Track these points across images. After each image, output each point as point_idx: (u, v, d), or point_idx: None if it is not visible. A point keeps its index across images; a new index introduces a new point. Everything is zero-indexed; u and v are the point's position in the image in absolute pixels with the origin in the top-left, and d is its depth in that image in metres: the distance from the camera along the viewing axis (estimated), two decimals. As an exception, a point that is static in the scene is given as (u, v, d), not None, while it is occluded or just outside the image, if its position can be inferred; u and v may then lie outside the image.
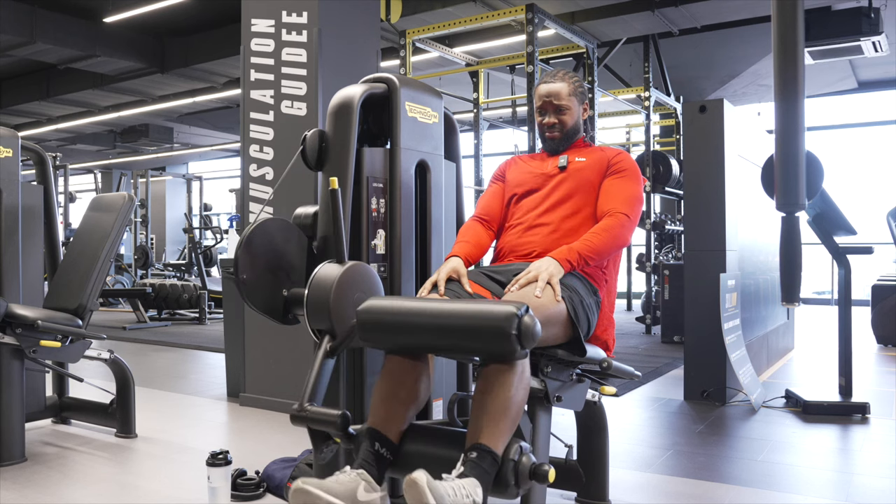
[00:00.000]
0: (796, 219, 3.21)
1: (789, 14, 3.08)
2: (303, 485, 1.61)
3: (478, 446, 1.65)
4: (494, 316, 1.64)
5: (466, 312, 1.70)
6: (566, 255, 2.08)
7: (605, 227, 2.18)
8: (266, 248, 2.18)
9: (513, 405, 1.70)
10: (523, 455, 1.68)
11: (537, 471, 1.67)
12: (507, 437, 1.69)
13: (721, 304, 4.03)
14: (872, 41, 7.21)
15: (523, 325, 1.62)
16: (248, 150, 4.08)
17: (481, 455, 1.64)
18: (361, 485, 1.66)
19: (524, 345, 1.64)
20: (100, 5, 8.64)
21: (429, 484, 1.50)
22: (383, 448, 1.78)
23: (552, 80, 2.38)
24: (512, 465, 1.66)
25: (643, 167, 8.15)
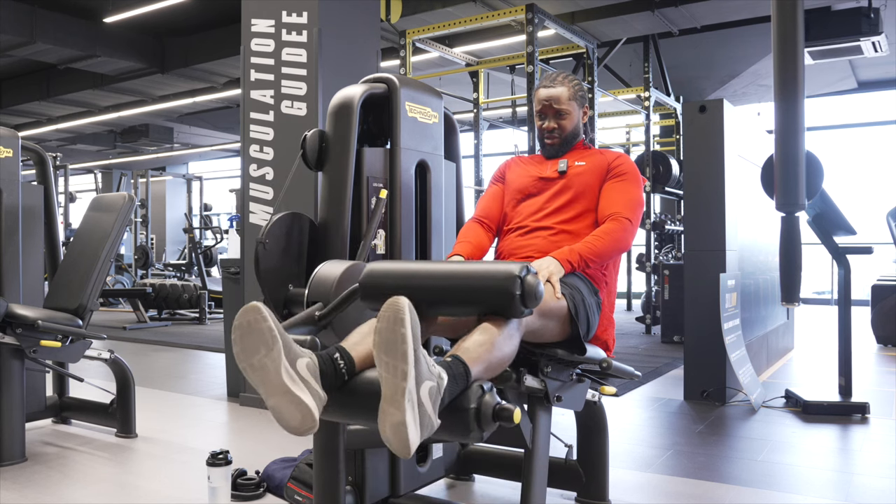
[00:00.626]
0: (796, 219, 3.21)
1: (789, 14, 3.08)
2: (258, 304, 1.50)
3: (453, 356, 1.58)
4: (498, 274, 1.64)
5: (470, 271, 1.71)
6: (567, 256, 2.08)
7: (606, 230, 2.18)
8: (293, 235, 2.25)
9: (496, 347, 1.64)
10: (489, 392, 1.57)
11: (503, 410, 1.55)
12: (480, 370, 1.60)
13: (721, 304, 4.03)
14: (872, 41, 7.21)
15: (527, 283, 1.63)
16: (248, 150, 4.08)
17: (455, 363, 1.56)
18: (307, 360, 1.54)
19: (527, 303, 1.63)
20: (100, 5, 8.64)
21: (410, 308, 1.44)
22: (342, 361, 1.63)
23: (552, 85, 2.37)
24: (479, 393, 1.55)
25: (643, 167, 8.15)
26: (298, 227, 2.27)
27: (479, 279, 1.68)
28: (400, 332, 1.41)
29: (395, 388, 1.40)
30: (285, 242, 2.23)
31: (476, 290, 1.68)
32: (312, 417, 1.47)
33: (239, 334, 1.49)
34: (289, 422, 1.47)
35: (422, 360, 1.43)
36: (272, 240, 2.18)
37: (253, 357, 1.48)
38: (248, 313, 1.49)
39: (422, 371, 1.43)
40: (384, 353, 1.42)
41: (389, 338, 1.42)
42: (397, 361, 1.40)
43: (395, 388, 1.39)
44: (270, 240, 2.18)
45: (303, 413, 1.46)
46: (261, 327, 1.48)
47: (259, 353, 1.48)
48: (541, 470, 1.85)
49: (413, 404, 1.40)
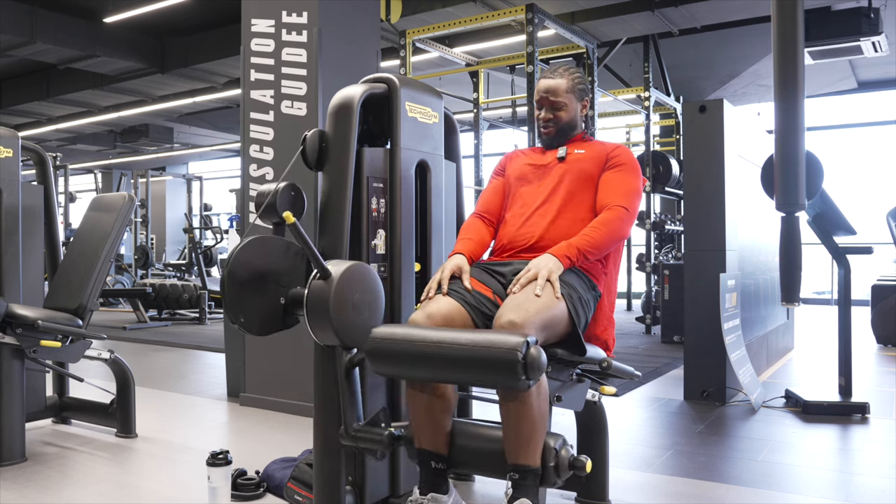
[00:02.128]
0: (796, 219, 3.21)
1: (789, 14, 3.08)
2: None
3: (518, 467, 1.81)
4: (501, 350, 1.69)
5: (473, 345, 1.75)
6: (565, 252, 2.08)
7: (603, 220, 2.18)
8: (249, 275, 2.03)
9: (538, 421, 1.80)
10: (559, 453, 1.83)
11: (576, 462, 1.84)
12: (539, 447, 1.82)
13: (721, 304, 4.03)
14: (872, 41, 7.21)
15: (529, 358, 1.66)
16: (248, 150, 4.08)
17: (524, 475, 1.80)
18: None
19: (530, 377, 1.68)
20: (100, 5, 8.64)
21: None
22: (438, 463, 1.94)
23: (552, 76, 2.39)
24: (553, 469, 1.82)
25: (643, 167, 8.14)
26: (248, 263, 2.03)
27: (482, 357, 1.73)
28: None
29: None
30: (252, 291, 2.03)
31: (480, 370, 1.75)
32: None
33: None
34: None
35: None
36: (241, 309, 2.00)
37: None
38: None
39: None
40: None
41: None
42: None
43: None
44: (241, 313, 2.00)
45: None
46: None
47: None
48: (541, 470, 1.87)
49: None
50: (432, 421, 1.96)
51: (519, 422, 1.79)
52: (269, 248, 2.09)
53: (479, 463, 2.01)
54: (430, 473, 1.95)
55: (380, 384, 2.32)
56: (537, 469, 1.81)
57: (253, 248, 2.05)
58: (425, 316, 2.01)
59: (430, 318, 2.00)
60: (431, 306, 2.05)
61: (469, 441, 1.99)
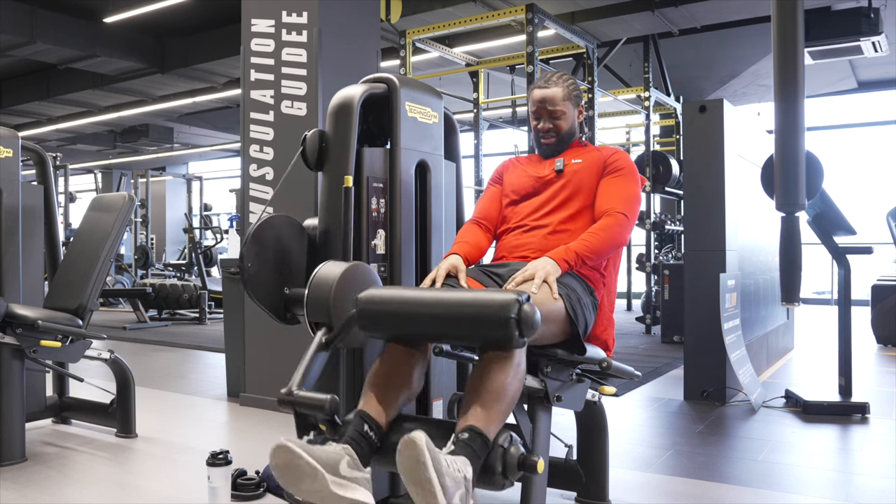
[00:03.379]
0: (796, 219, 3.21)
1: (789, 14, 3.08)
2: (286, 442, 1.59)
3: (469, 428, 1.64)
4: (495, 304, 1.65)
5: (467, 300, 1.71)
6: (563, 255, 2.08)
7: (602, 226, 2.17)
8: (273, 243, 2.20)
9: (507, 393, 1.69)
10: (513, 444, 1.67)
11: (526, 461, 1.65)
12: (498, 423, 1.68)
13: (721, 304, 4.03)
14: (872, 41, 7.21)
15: (523, 313, 1.63)
16: (248, 150, 4.08)
17: (472, 436, 1.63)
18: (345, 459, 1.64)
19: (524, 333, 1.64)
20: (100, 5, 8.64)
21: (427, 445, 1.48)
22: (372, 431, 1.75)
23: (546, 86, 2.36)
24: (501, 452, 1.65)
25: (643, 167, 8.15)
26: (276, 231, 2.22)
27: (476, 307, 1.68)
28: (424, 475, 1.47)
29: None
30: (267, 252, 2.19)
31: (472, 321, 1.69)
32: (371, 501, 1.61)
33: (279, 473, 1.59)
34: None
35: (448, 484, 1.49)
36: (252, 259, 2.14)
37: (300, 486, 1.59)
38: (280, 454, 1.58)
39: (450, 490, 1.49)
40: (412, 486, 1.49)
41: (415, 478, 1.48)
42: (427, 496, 1.47)
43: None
44: (251, 262, 2.13)
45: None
46: (298, 464, 1.57)
47: (305, 483, 1.58)
48: (541, 470, 1.85)
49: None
50: (387, 390, 1.82)
51: (489, 386, 1.68)
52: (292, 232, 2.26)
53: None
54: (359, 435, 1.73)
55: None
56: (488, 439, 1.64)
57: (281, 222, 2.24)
58: None
59: None
60: None
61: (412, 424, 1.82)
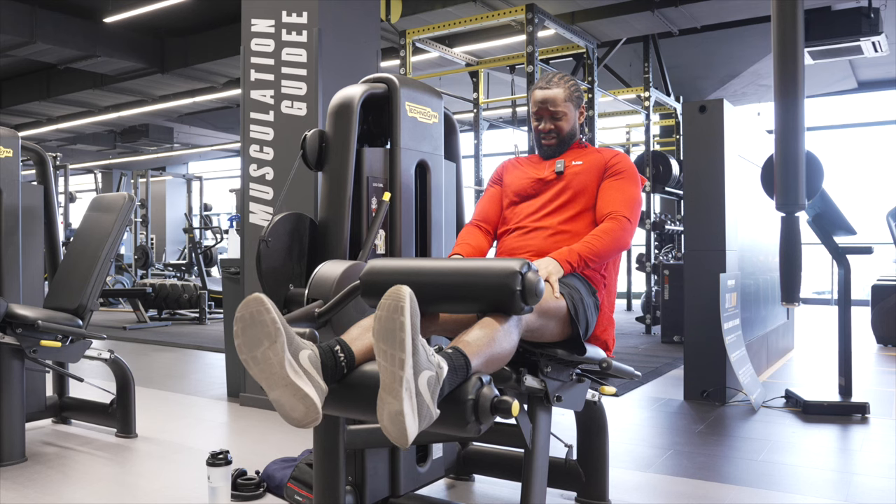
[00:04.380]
0: (796, 219, 3.21)
1: (789, 14, 3.08)
2: (261, 295, 1.49)
3: (456, 348, 1.57)
4: (499, 270, 1.65)
5: (471, 268, 1.71)
6: (566, 256, 2.08)
7: (605, 229, 2.17)
8: (295, 235, 2.24)
9: (496, 342, 1.63)
10: (488, 385, 1.57)
11: (501, 403, 1.56)
12: (480, 362, 1.59)
13: (721, 304, 4.03)
14: (872, 41, 7.21)
15: (527, 280, 1.63)
16: (248, 150, 4.08)
17: (456, 354, 1.54)
18: (309, 352, 1.53)
19: (527, 300, 1.63)
20: (100, 5, 8.64)
21: (411, 297, 1.42)
22: (343, 354, 1.62)
23: (547, 86, 2.36)
24: (477, 385, 1.54)
25: (643, 167, 8.15)
26: (301, 228, 2.26)
27: (480, 276, 1.68)
28: (399, 320, 1.39)
29: (392, 376, 1.38)
30: (288, 242, 2.22)
31: (477, 286, 1.68)
32: (316, 409, 1.46)
33: (241, 326, 1.47)
34: (292, 414, 1.46)
35: (420, 350, 1.42)
36: (275, 238, 2.18)
37: (256, 350, 1.46)
38: (250, 305, 1.47)
39: (420, 360, 1.41)
40: (383, 341, 1.40)
41: (388, 326, 1.40)
42: (395, 350, 1.39)
43: (393, 377, 1.38)
44: (273, 238, 2.17)
45: (306, 405, 1.45)
46: (264, 319, 1.46)
47: (262, 346, 1.46)
48: (541, 470, 1.85)
49: (411, 393, 1.39)
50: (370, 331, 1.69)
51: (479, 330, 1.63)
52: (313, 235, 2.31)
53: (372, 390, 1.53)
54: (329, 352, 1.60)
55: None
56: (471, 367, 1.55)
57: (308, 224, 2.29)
58: None
59: None
60: None
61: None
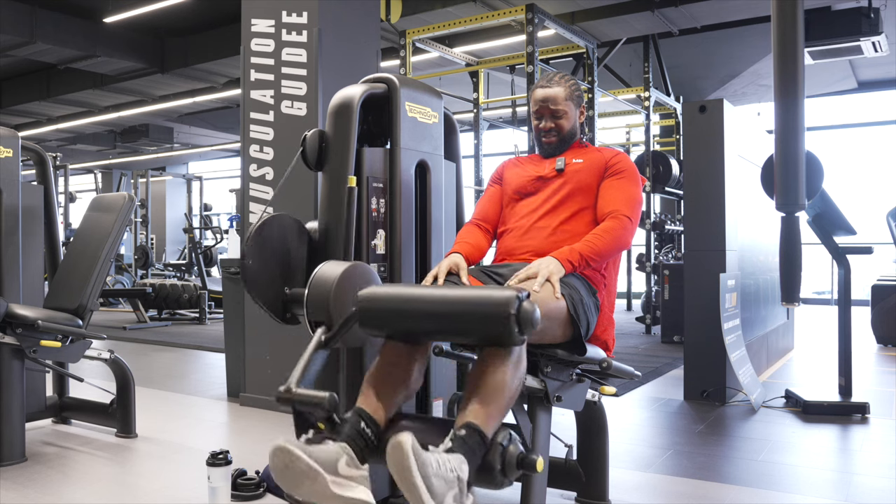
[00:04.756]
0: (796, 219, 3.21)
1: (789, 14, 3.08)
2: (284, 444, 1.56)
3: (467, 425, 1.61)
4: (494, 301, 1.64)
5: (466, 297, 1.70)
6: (567, 256, 2.07)
7: (606, 228, 2.17)
8: (275, 242, 2.19)
9: (507, 390, 1.66)
10: (511, 443, 1.64)
11: (525, 460, 1.63)
12: (497, 420, 1.65)
13: (721, 304, 4.03)
14: (872, 41, 7.21)
15: (522, 310, 1.62)
16: (248, 150, 4.08)
17: (470, 433, 1.60)
18: (343, 458, 1.61)
19: (523, 330, 1.62)
20: (100, 5, 8.64)
21: (413, 448, 1.45)
22: (369, 429, 1.72)
23: (548, 85, 2.36)
24: (500, 450, 1.62)
25: (643, 167, 8.15)
26: (281, 231, 2.21)
27: (475, 307, 1.67)
28: (410, 480, 1.45)
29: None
30: (269, 250, 2.18)
31: (471, 319, 1.67)
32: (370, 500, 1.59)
33: (278, 476, 1.58)
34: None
35: (437, 487, 1.47)
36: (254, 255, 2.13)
37: (300, 489, 1.58)
38: (279, 456, 1.56)
39: (440, 492, 1.48)
40: (402, 488, 1.47)
41: (403, 483, 1.47)
42: (415, 500, 1.46)
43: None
44: (253, 259, 2.12)
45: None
46: (297, 466, 1.55)
47: (304, 485, 1.57)
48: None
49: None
50: (386, 387, 1.80)
51: (488, 383, 1.66)
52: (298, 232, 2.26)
53: None
54: (356, 433, 1.71)
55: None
56: (486, 437, 1.61)
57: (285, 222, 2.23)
58: None
59: None
60: None
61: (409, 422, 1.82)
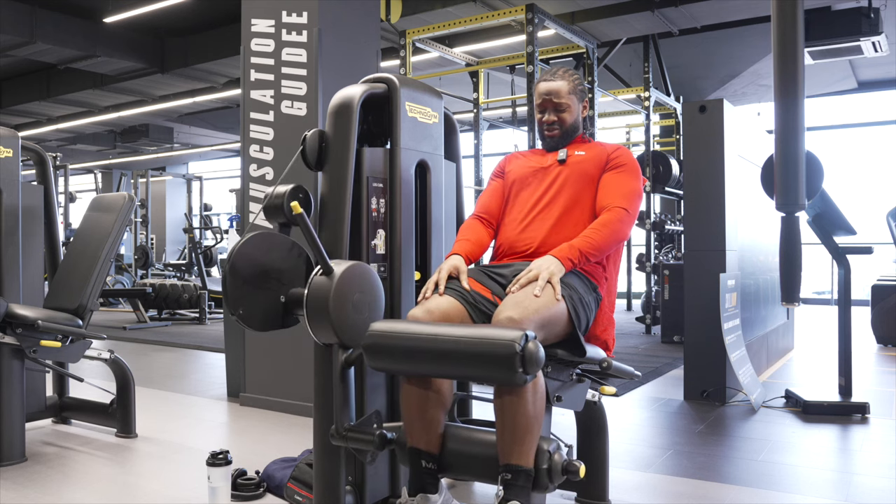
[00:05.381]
0: (796, 219, 3.21)
1: (789, 14, 3.08)
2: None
3: (510, 467, 1.77)
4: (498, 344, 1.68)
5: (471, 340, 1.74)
6: (567, 254, 2.08)
7: (604, 222, 2.18)
8: (251, 270, 2.04)
9: (533, 419, 1.79)
10: (552, 456, 1.81)
11: (570, 467, 1.81)
12: (533, 447, 1.80)
13: (721, 304, 4.03)
14: (872, 41, 7.21)
15: (527, 352, 1.65)
16: (248, 150, 4.08)
17: (515, 475, 1.77)
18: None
19: (528, 371, 1.66)
20: (100, 5, 8.64)
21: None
22: (429, 463, 1.91)
23: (552, 79, 2.38)
24: (546, 472, 1.80)
25: (643, 167, 8.14)
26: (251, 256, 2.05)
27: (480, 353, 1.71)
28: None
29: None
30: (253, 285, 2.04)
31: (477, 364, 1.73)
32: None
33: None
34: None
35: None
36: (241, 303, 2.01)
37: None
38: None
39: None
40: None
41: None
42: None
43: None
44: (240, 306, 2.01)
45: None
46: None
47: None
48: (541, 470, 1.86)
49: None
50: (426, 419, 1.94)
51: (514, 420, 1.78)
52: (273, 244, 2.11)
53: (470, 467, 1.97)
54: (421, 473, 1.92)
55: (379, 385, 2.32)
56: (530, 470, 1.78)
57: (256, 243, 2.07)
58: (424, 311, 2.03)
59: (429, 314, 2.01)
60: (430, 303, 2.07)
61: (462, 445, 1.97)
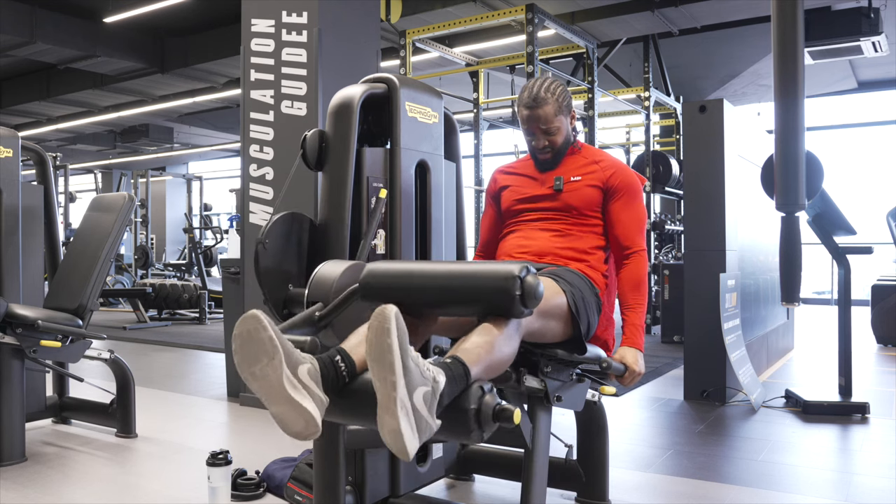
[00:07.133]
0: (796, 219, 3.21)
1: (789, 14, 3.08)
2: (257, 312, 1.47)
3: (452, 356, 1.57)
4: (498, 273, 1.64)
5: (470, 271, 1.71)
6: (637, 338, 2.20)
7: (636, 280, 2.25)
8: (293, 235, 2.24)
9: (496, 348, 1.62)
10: (490, 393, 1.56)
11: (503, 411, 1.55)
12: (480, 370, 1.59)
13: (721, 304, 4.03)
14: (872, 41, 7.21)
15: (526, 283, 1.62)
16: (248, 150, 4.08)
17: (454, 362, 1.54)
18: (308, 366, 1.52)
19: (527, 304, 1.62)
20: (100, 5, 8.64)
21: (397, 318, 1.41)
22: (344, 363, 1.62)
23: (536, 105, 2.28)
24: (479, 394, 1.53)
25: (643, 167, 8.15)
26: (298, 227, 2.26)
27: (479, 279, 1.67)
28: (386, 342, 1.39)
29: (387, 397, 1.39)
30: (285, 242, 2.22)
31: (476, 290, 1.67)
32: (315, 423, 1.47)
33: (239, 343, 1.47)
34: (292, 428, 1.46)
35: (412, 368, 1.41)
36: (272, 239, 2.17)
37: (254, 366, 1.46)
38: (247, 322, 1.46)
39: (413, 378, 1.41)
40: (374, 362, 1.41)
41: (377, 349, 1.40)
42: (386, 372, 1.39)
43: (388, 397, 1.39)
44: (270, 239, 2.17)
45: (306, 419, 1.46)
46: (261, 336, 1.45)
47: (260, 363, 1.46)
48: (541, 470, 1.84)
49: (407, 411, 1.39)
50: None
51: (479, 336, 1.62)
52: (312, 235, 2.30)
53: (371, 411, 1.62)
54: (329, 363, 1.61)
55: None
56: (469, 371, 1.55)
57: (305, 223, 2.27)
58: None
59: None
60: None
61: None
